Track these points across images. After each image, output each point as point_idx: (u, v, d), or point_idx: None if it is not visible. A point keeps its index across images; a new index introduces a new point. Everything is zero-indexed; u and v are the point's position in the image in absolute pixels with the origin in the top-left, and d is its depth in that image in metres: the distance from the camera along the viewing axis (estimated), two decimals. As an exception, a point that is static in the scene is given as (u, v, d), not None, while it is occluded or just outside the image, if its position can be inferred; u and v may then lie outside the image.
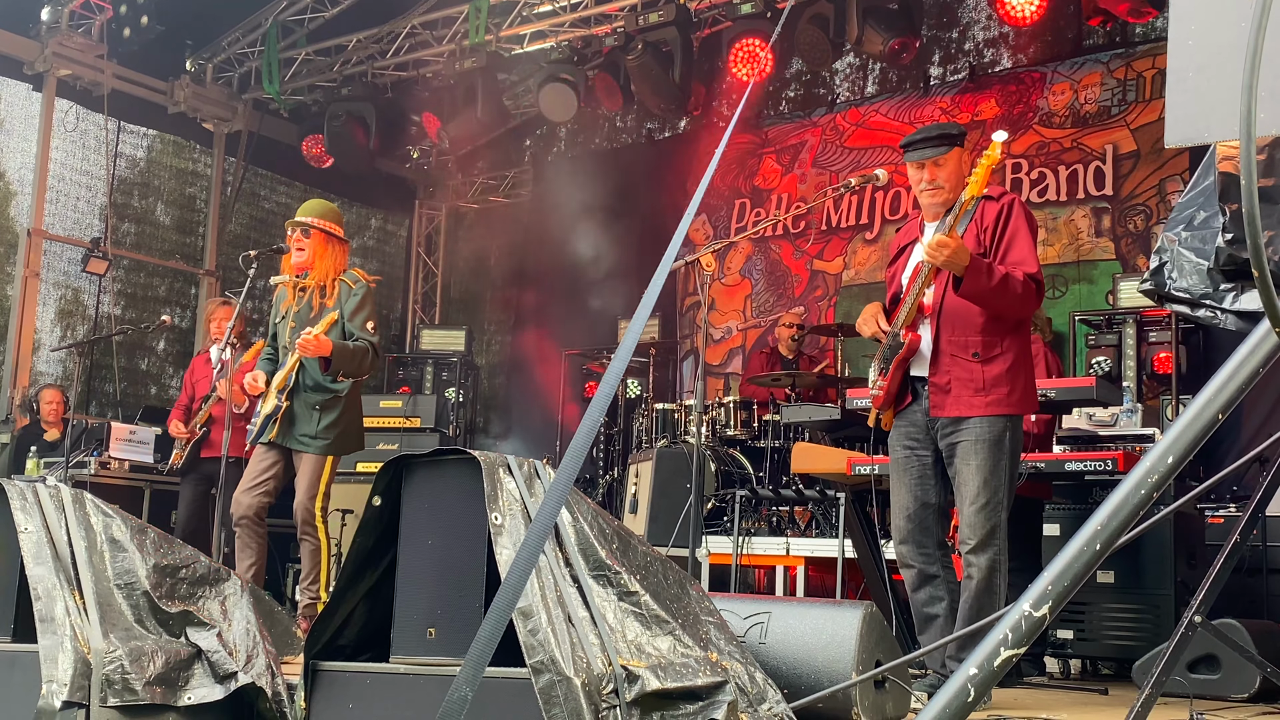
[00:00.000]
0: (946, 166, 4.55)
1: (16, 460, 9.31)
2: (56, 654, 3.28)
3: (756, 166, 11.53)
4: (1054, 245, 9.63)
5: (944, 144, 4.57)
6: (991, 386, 4.41)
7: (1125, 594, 5.68)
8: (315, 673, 3.34)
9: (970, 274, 4.28)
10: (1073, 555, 1.36)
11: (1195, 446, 1.38)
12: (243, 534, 5.97)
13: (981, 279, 4.29)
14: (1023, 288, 4.35)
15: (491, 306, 13.86)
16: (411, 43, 11.47)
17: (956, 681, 1.31)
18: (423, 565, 3.27)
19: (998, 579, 4.38)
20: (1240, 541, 2.84)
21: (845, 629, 3.59)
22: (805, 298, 11.00)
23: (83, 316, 11.05)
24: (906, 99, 10.72)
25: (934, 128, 4.69)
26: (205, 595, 3.76)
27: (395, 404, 10.38)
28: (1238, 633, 4.69)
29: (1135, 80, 9.53)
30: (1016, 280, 4.34)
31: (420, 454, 3.35)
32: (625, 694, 2.79)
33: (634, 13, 10.19)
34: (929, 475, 4.58)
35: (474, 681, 1.45)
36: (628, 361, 1.68)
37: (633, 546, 3.23)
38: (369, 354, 6.00)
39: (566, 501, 3.07)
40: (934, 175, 4.57)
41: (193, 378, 8.14)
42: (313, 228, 6.11)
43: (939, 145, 4.57)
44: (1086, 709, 4.50)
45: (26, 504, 3.66)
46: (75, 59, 10.73)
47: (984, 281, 4.29)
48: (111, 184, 11.16)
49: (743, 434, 8.27)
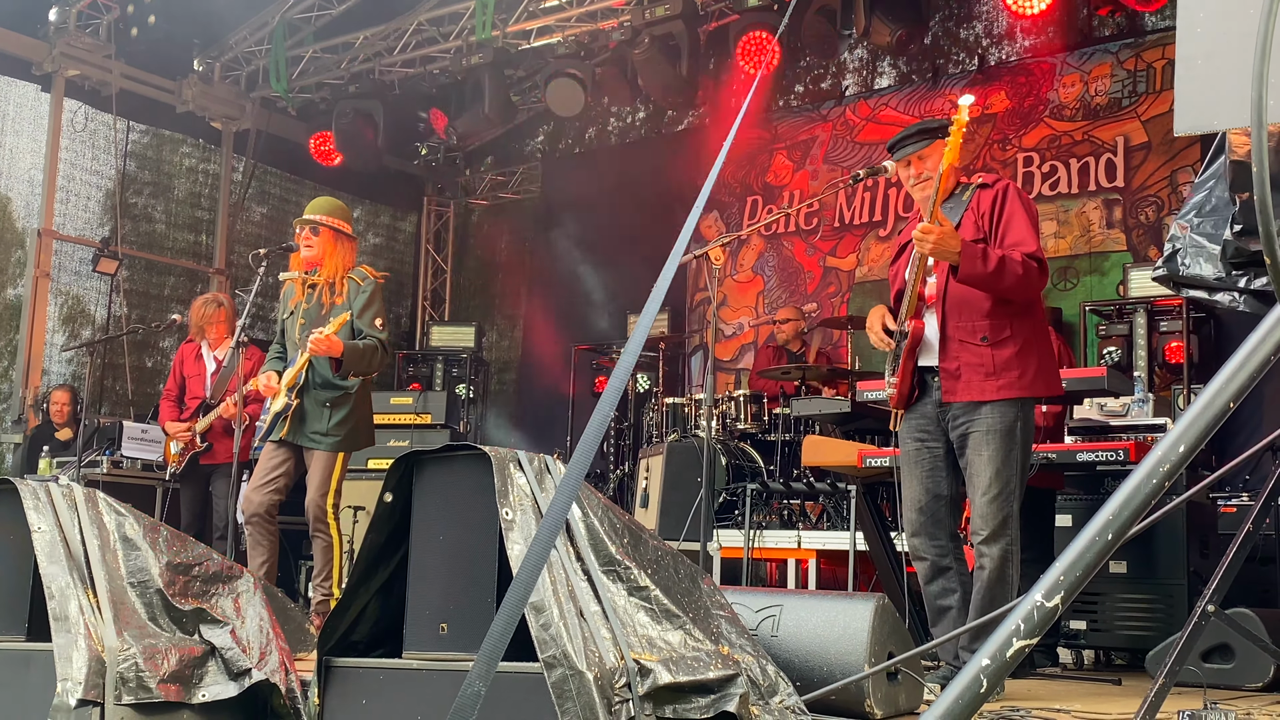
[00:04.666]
0: (930, 158, 4.57)
1: (29, 460, 9.34)
2: (71, 652, 3.29)
3: (767, 163, 11.51)
4: (1065, 237, 9.60)
5: (924, 138, 4.60)
6: (1002, 370, 4.40)
7: (1138, 584, 5.67)
8: (328, 669, 3.34)
9: (965, 260, 4.29)
10: (1085, 545, 1.35)
11: (1207, 435, 1.38)
12: (254, 531, 5.98)
13: (977, 264, 4.29)
14: (1023, 268, 4.34)
15: (501, 302, 13.87)
16: (419, 39, 11.46)
17: (969, 672, 1.31)
18: (434, 561, 3.27)
19: (1010, 569, 4.38)
20: (1253, 530, 2.82)
21: (857, 621, 3.58)
22: (818, 294, 10.98)
23: (93, 317, 11.08)
24: (915, 91, 10.69)
25: (913, 126, 4.75)
26: (218, 593, 3.77)
27: (406, 401, 10.39)
28: (1251, 622, 4.68)
29: (1145, 71, 9.50)
30: (1015, 261, 4.33)
31: (431, 450, 3.35)
32: (638, 687, 2.79)
33: (640, 7, 10.18)
34: (940, 467, 4.57)
35: (487, 677, 1.45)
36: (637, 356, 1.68)
37: (644, 541, 3.23)
38: (378, 351, 6.01)
39: (577, 496, 3.07)
40: (919, 169, 4.60)
41: (182, 369, 8.06)
42: (321, 225, 6.12)
43: (919, 140, 4.61)
44: (1100, 699, 4.49)
45: (40, 503, 3.67)
46: (83, 59, 10.75)
47: (980, 266, 4.30)
48: (120, 183, 11.18)
49: (753, 427, 8.26)
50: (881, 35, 9.29)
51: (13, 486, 3.77)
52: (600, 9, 10.55)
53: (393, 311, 13.07)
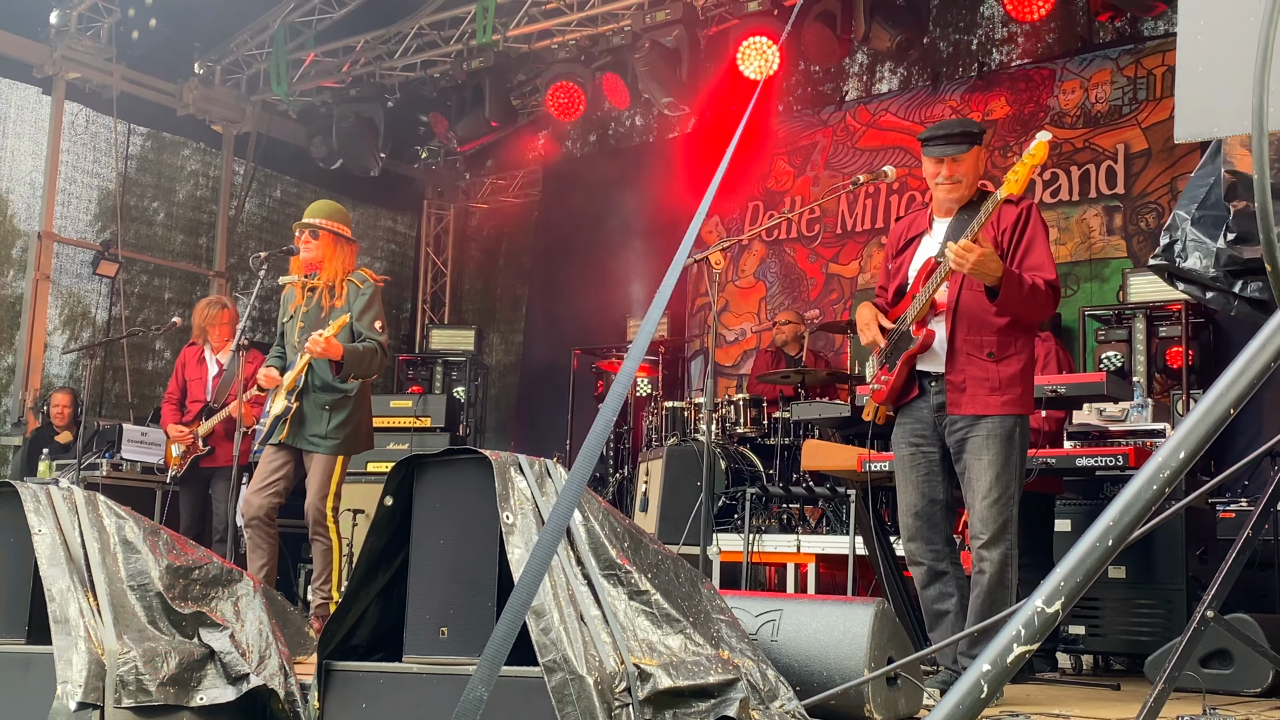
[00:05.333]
0: (965, 163, 4.55)
1: (29, 462, 9.34)
2: (71, 655, 3.29)
3: (768, 168, 11.52)
4: (1066, 244, 9.61)
5: (965, 141, 4.55)
6: (1007, 386, 4.42)
7: (1137, 589, 5.67)
8: (328, 673, 3.34)
9: (1006, 285, 4.29)
10: (1085, 551, 1.36)
11: (1207, 442, 1.38)
12: (254, 534, 5.98)
13: (1014, 289, 4.31)
14: (1044, 296, 4.40)
15: (501, 306, 13.87)
16: (419, 43, 11.48)
17: (969, 678, 1.31)
18: (434, 565, 3.27)
19: (1009, 573, 4.39)
20: (1252, 536, 2.83)
21: (857, 626, 3.59)
22: (820, 301, 10.98)
23: (93, 319, 11.08)
24: (915, 97, 10.70)
25: (956, 123, 4.69)
26: (218, 596, 3.77)
27: (405, 404, 10.39)
28: (1250, 627, 4.68)
29: (1145, 78, 9.51)
30: (1041, 290, 4.37)
31: (431, 454, 3.35)
32: (638, 692, 2.79)
33: (641, 11, 10.19)
34: (936, 472, 4.58)
35: (490, 681, 1.45)
36: (640, 360, 1.69)
37: (644, 545, 3.23)
38: (378, 354, 6.01)
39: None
40: (953, 171, 4.56)
41: (184, 372, 8.05)
42: (321, 228, 6.12)
43: (960, 142, 4.55)
44: (1099, 704, 4.50)
45: (40, 506, 3.67)
46: (84, 62, 10.76)
47: (1018, 292, 4.32)
48: (121, 186, 11.19)
49: (753, 431, 8.26)
50: (881, 40, 9.29)
51: (13, 489, 3.77)
52: (601, 13, 10.57)
53: (392, 315, 13.07)
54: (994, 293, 4.33)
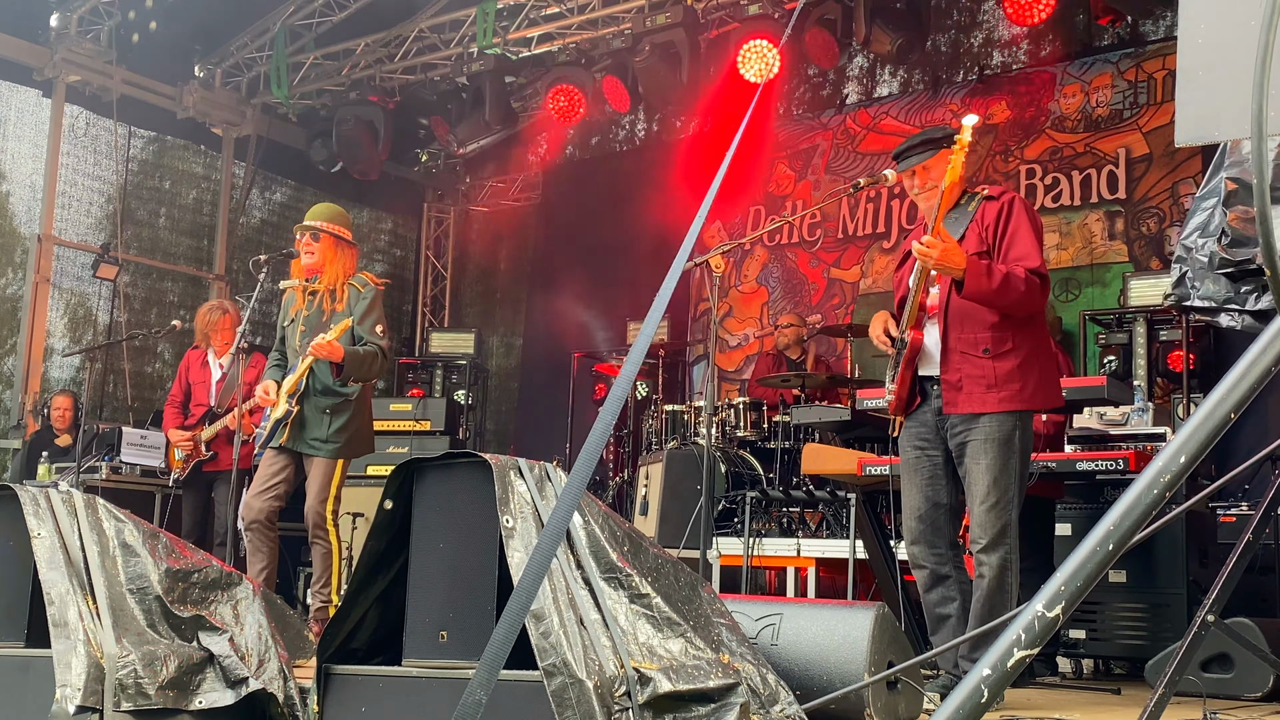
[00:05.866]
0: (934, 168, 4.59)
1: (29, 465, 9.33)
2: (70, 659, 3.29)
3: (769, 172, 11.52)
4: (1068, 249, 9.61)
5: (928, 148, 4.62)
6: (1004, 382, 4.41)
7: (1138, 593, 5.66)
8: (328, 676, 3.34)
9: (970, 277, 4.30)
10: (1085, 555, 1.35)
11: (1208, 446, 1.38)
12: (254, 538, 5.97)
13: (982, 280, 4.30)
14: (1025, 284, 4.35)
15: (501, 309, 13.87)
16: (419, 46, 11.48)
17: (970, 682, 1.31)
18: (434, 568, 3.27)
19: (1009, 578, 4.38)
20: (1253, 540, 2.82)
21: (857, 630, 3.58)
22: (822, 305, 10.98)
23: (93, 322, 11.08)
24: (916, 100, 10.70)
25: (918, 136, 4.76)
26: (217, 599, 3.76)
27: (405, 407, 10.39)
28: (1251, 632, 4.68)
29: (1146, 82, 9.51)
30: (1018, 277, 4.34)
31: (431, 457, 3.35)
32: (638, 696, 2.79)
33: (641, 14, 10.20)
34: (940, 475, 4.58)
35: (489, 685, 1.45)
36: (640, 364, 1.68)
37: (644, 548, 3.23)
38: (379, 358, 6.01)
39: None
40: (924, 179, 4.63)
41: (188, 376, 8.07)
42: (322, 231, 6.12)
43: (924, 150, 4.63)
44: (1099, 709, 4.49)
45: (39, 509, 3.67)
46: (84, 65, 10.75)
47: (985, 283, 4.31)
48: (122, 189, 11.19)
49: (753, 435, 8.25)
50: (882, 44, 9.30)
51: (13, 492, 3.77)
52: (601, 17, 10.57)
53: (393, 318, 13.07)
54: (960, 285, 4.34)
